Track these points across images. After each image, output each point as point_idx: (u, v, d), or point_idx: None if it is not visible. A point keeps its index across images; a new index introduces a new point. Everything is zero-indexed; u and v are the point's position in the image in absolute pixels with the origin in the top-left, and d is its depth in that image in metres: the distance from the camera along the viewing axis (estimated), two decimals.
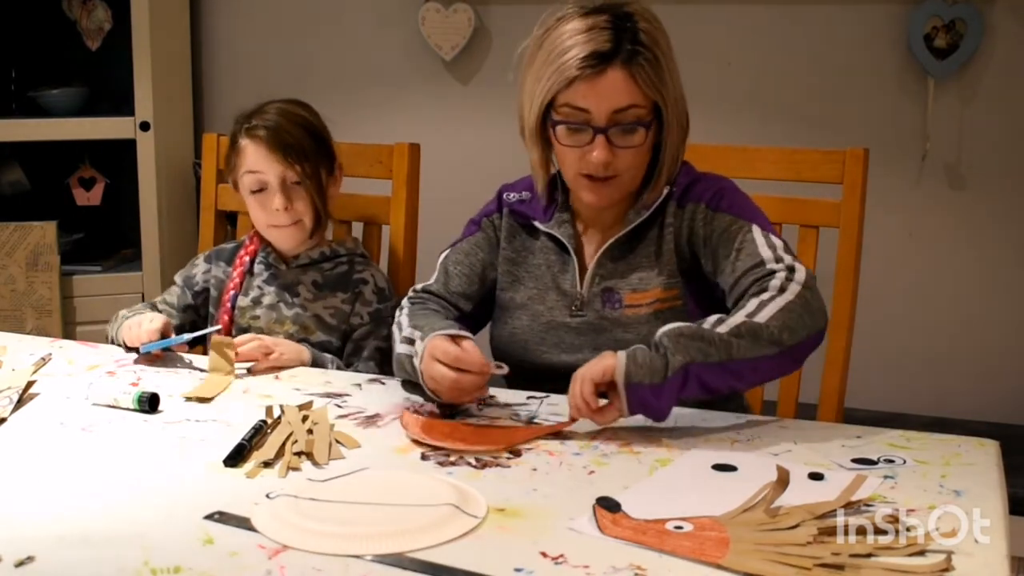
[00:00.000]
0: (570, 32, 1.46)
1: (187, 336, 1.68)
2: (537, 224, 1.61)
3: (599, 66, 1.44)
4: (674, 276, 1.53)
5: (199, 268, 1.91)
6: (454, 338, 1.41)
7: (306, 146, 1.78)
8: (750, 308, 1.37)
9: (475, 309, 1.65)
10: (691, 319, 1.40)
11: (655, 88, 1.46)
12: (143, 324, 1.67)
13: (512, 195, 1.66)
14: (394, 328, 1.58)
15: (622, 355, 1.32)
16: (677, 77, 1.51)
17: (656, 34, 1.48)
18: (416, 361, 1.44)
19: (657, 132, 1.51)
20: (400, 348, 1.52)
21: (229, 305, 1.83)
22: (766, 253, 1.46)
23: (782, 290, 1.39)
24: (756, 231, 1.49)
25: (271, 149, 1.76)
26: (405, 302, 1.62)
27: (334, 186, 1.86)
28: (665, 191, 1.54)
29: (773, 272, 1.42)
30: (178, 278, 1.91)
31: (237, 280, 1.85)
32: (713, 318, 1.37)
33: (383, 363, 1.78)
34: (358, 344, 1.80)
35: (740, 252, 1.48)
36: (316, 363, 1.70)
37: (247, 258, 1.86)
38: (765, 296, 1.39)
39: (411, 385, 1.50)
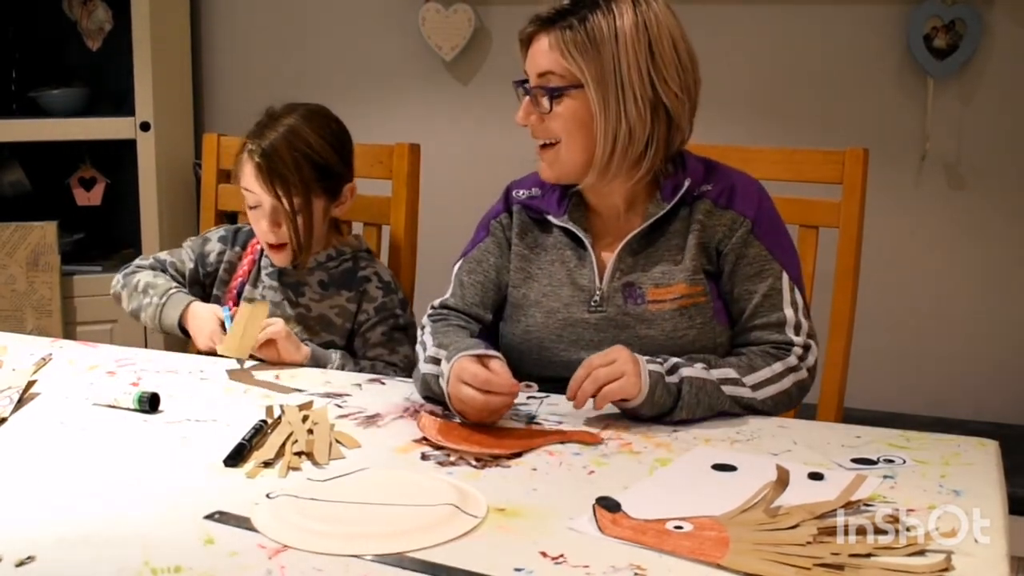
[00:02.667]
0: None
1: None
2: (551, 218, 1.59)
3: (531, 29, 1.51)
4: (698, 272, 1.52)
5: (214, 247, 1.90)
6: (481, 358, 1.39)
7: (299, 178, 1.74)
8: (761, 376, 1.46)
9: (496, 318, 1.63)
10: (717, 317, 1.52)
11: (573, 60, 1.46)
12: (205, 330, 1.72)
13: (521, 192, 1.64)
14: (417, 348, 1.55)
15: (645, 388, 1.37)
16: (636, 69, 1.45)
17: (621, 19, 1.45)
18: (442, 382, 1.42)
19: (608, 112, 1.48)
20: (425, 368, 1.49)
21: (236, 292, 1.85)
22: (789, 314, 1.50)
23: (792, 370, 1.48)
24: (785, 281, 1.51)
25: (260, 178, 1.74)
26: (426, 320, 1.60)
27: (340, 207, 1.84)
28: (687, 183, 1.52)
29: (791, 345, 1.49)
30: (188, 249, 1.91)
31: (247, 268, 1.87)
32: (731, 373, 1.44)
33: (390, 343, 1.79)
34: (365, 336, 1.80)
35: (766, 300, 1.51)
36: (317, 361, 1.69)
37: (259, 247, 1.87)
38: (777, 368, 1.47)
39: (435, 402, 1.47)
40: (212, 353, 1.70)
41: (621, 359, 1.38)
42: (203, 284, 1.90)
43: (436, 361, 1.46)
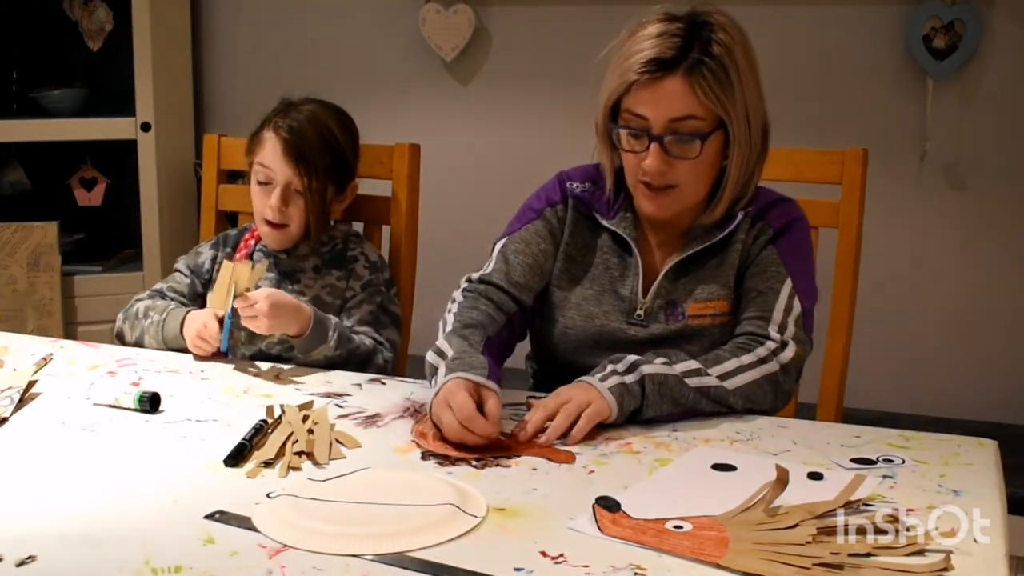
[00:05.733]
0: (644, 37, 1.45)
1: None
2: (600, 219, 1.57)
3: (658, 72, 1.42)
4: (731, 289, 1.52)
5: (206, 255, 1.91)
6: (478, 387, 1.34)
7: (320, 162, 1.79)
8: (728, 367, 1.43)
9: (534, 303, 1.60)
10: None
11: (717, 101, 1.42)
12: (198, 330, 1.68)
13: (575, 185, 1.61)
14: (440, 323, 1.52)
15: (615, 404, 1.35)
16: (754, 95, 1.47)
17: (732, 47, 1.44)
18: (433, 383, 1.39)
19: (724, 147, 1.48)
20: (429, 356, 1.45)
21: None
22: (778, 314, 1.49)
23: (762, 362, 1.45)
24: (787, 287, 1.50)
25: (286, 153, 1.78)
26: (458, 294, 1.57)
27: (340, 203, 1.88)
28: (740, 215, 1.52)
29: (767, 338, 1.47)
30: (183, 266, 1.91)
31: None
32: (694, 364, 1.41)
33: (376, 325, 1.79)
34: (350, 312, 1.81)
35: (760, 296, 1.50)
36: (318, 324, 1.68)
37: (252, 241, 1.88)
38: (745, 360, 1.44)
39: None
40: (201, 357, 1.70)
41: (579, 392, 1.36)
42: (204, 296, 1.89)
43: (441, 354, 1.43)
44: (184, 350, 1.73)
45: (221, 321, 1.68)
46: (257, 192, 1.82)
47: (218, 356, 1.70)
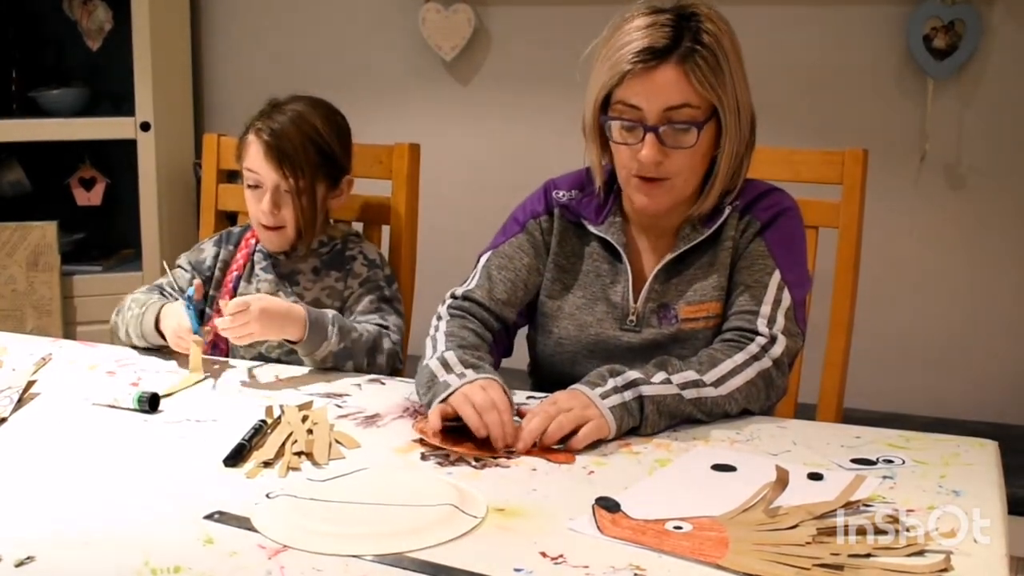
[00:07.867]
0: (632, 29, 1.44)
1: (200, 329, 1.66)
2: (588, 226, 1.57)
3: (652, 61, 1.42)
4: (723, 290, 1.51)
5: (208, 252, 1.90)
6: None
7: (305, 160, 1.77)
8: (723, 369, 1.42)
9: (518, 318, 1.60)
10: None
11: (711, 88, 1.43)
12: (174, 329, 1.66)
13: (562, 194, 1.60)
14: (427, 342, 1.51)
15: (614, 425, 1.33)
16: (742, 84, 1.47)
17: (720, 36, 1.45)
18: (427, 390, 1.40)
19: (716, 137, 1.48)
20: (432, 363, 1.44)
21: (231, 286, 1.85)
22: (766, 307, 1.48)
23: (755, 359, 1.44)
24: (775, 279, 1.49)
25: (268, 156, 1.76)
26: (444, 311, 1.56)
27: (336, 199, 1.86)
28: (727, 210, 1.52)
29: (756, 334, 1.46)
30: (184, 262, 1.90)
31: (241, 262, 1.87)
32: (692, 375, 1.40)
33: (378, 312, 1.78)
34: (351, 309, 1.80)
35: (748, 290, 1.49)
36: (315, 324, 1.64)
37: (253, 241, 1.88)
38: (739, 360, 1.43)
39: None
40: (184, 353, 1.67)
41: (578, 404, 1.34)
42: (205, 293, 1.88)
43: (446, 365, 1.42)
44: (161, 348, 1.71)
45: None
46: (250, 196, 1.81)
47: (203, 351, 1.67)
